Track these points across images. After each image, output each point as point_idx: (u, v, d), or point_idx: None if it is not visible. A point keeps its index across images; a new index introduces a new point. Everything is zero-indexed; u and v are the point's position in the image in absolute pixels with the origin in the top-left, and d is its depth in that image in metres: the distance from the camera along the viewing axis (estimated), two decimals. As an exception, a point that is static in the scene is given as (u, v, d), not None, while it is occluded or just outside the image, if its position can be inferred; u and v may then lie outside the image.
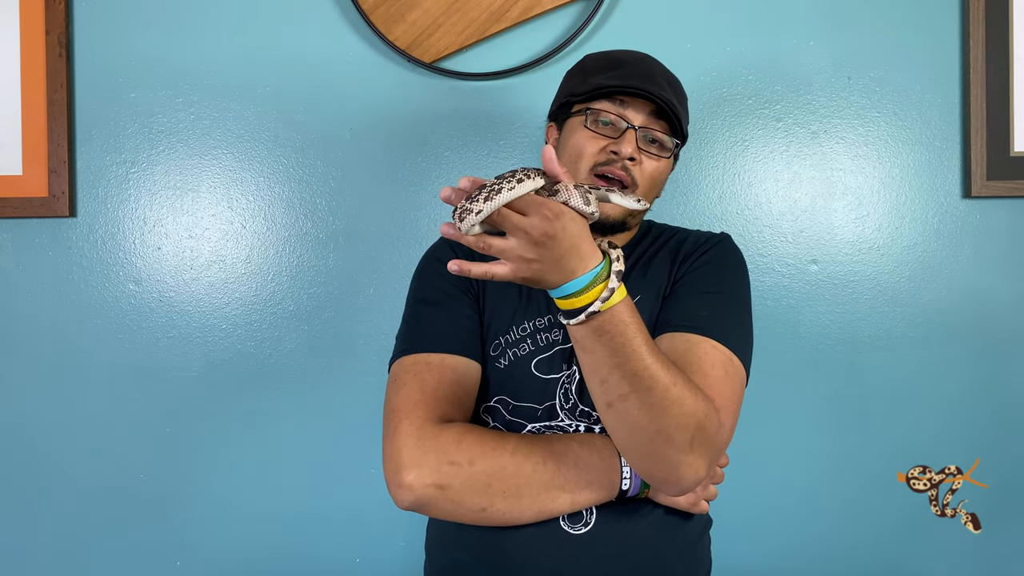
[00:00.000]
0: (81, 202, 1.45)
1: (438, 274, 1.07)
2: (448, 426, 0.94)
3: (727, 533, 1.39)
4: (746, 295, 1.08)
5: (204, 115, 1.45)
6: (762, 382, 1.43)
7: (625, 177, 1.02)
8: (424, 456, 0.91)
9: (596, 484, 0.94)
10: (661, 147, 1.05)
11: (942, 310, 1.44)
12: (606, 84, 1.03)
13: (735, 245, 1.11)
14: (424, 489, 0.90)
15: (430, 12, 1.41)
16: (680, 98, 1.08)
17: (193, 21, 1.44)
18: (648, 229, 1.16)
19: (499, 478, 0.91)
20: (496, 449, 0.92)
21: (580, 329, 0.83)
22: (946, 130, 1.45)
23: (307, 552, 1.45)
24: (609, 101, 1.03)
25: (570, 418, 1.01)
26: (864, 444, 1.45)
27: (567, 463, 0.93)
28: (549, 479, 0.92)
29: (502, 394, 1.03)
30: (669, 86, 1.06)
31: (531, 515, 0.93)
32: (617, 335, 0.82)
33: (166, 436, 1.45)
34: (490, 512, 0.92)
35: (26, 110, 1.43)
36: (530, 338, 1.03)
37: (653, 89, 1.02)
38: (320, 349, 1.45)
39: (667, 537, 1.00)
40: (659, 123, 1.04)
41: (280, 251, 1.46)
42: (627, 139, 1.02)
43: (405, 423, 0.93)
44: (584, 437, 0.98)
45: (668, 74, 1.09)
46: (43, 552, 1.45)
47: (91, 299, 1.45)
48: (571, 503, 0.94)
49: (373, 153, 1.45)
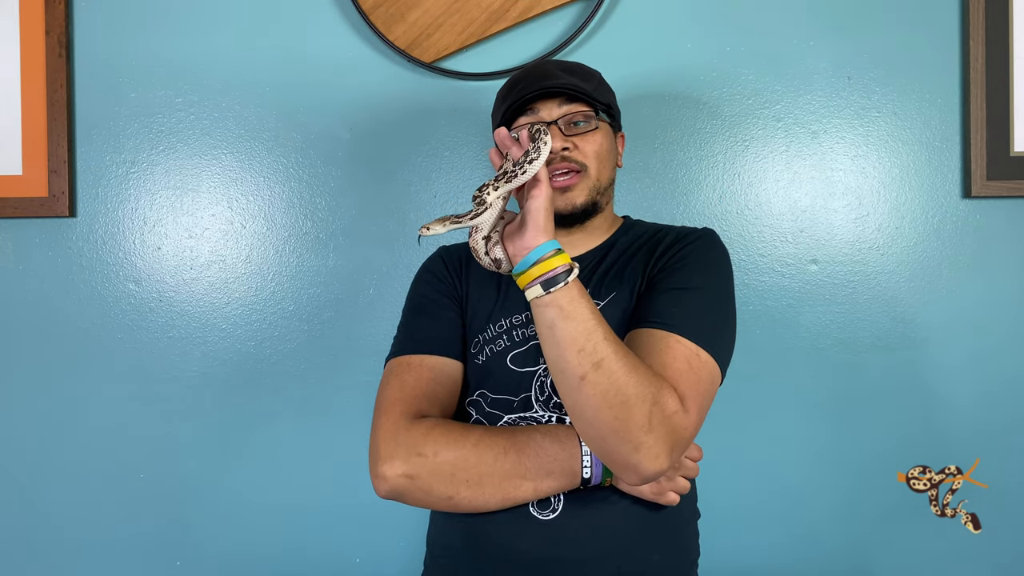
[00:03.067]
0: (81, 202, 1.45)
1: (427, 283, 1.17)
2: (420, 421, 1.01)
3: (727, 532, 1.40)
4: (725, 290, 1.08)
5: (204, 115, 1.45)
6: (762, 382, 1.43)
7: (572, 166, 1.09)
8: (396, 449, 0.98)
9: (557, 472, 0.98)
10: (587, 124, 1.11)
11: (942, 310, 1.44)
12: (512, 102, 1.11)
13: (717, 240, 1.12)
14: (396, 479, 0.97)
15: (430, 12, 1.41)
16: (585, 76, 1.14)
17: (193, 21, 1.44)
18: (631, 226, 1.18)
19: (462, 468, 0.97)
20: (459, 441, 0.98)
21: (561, 295, 0.90)
22: (946, 130, 1.45)
23: (307, 551, 1.45)
24: (524, 116, 1.11)
25: (543, 410, 1.05)
26: (864, 444, 1.45)
27: (528, 452, 0.98)
28: (510, 468, 0.98)
29: (482, 388, 1.09)
30: (568, 72, 1.12)
31: (495, 503, 0.99)
32: (589, 300, 0.92)
33: (166, 436, 1.45)
34: (457, 500, 0.98)
35: (26, 110, 1.43)
36: (506, 334, 1.09)
37: (549, 83, 1.09)
38: (320, 349, 1.45)
39: (639, 526, 1.03)
40: (575, 106, 1.10)
41: (280, 251, 1.46)
42: (551, 136, 1.08)
43: (384, 419, 1.02)
44: (548, 428, 1.01)
45: (566, 64, 1.16)
46: (43, 552, 1.45)
47: (91, 299, 1.45)
48: (533, 491, 0.99)
49: (373, 153, 1.45)
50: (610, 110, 1.14)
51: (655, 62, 1.44)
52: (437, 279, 1.16)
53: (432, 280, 1.17)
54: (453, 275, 1.16)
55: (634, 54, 1.43)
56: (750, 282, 1.44)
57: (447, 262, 1.19)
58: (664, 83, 1.44)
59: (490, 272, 1.15)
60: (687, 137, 1.44)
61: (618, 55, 1.43)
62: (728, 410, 1.36)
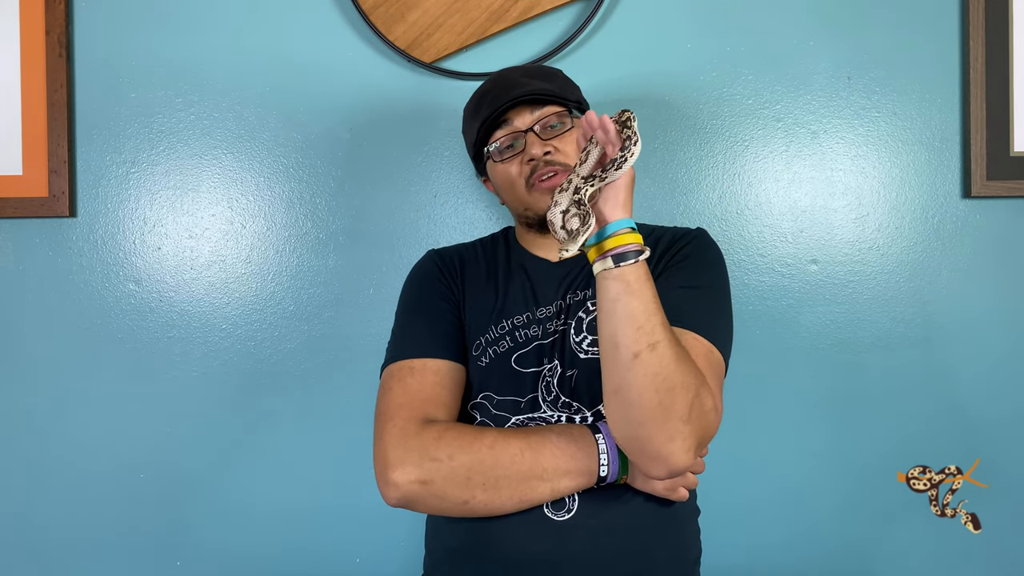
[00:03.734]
0: (81, 202, 1.45)
1: (421, 285, 1.16)
2: (430, 425, 0.99)
3: (727, 531, 1.40)
4: (725, 289, 1.10)
5: (204, 115, 1.45)
6: (762, 382, 1.43)
7: (556, 169, 1.09)
8: (407, 454, 0.96)
9: (575, 471, 0.97)
10: (563, 125, 1.11)
11: (942, 310, 1.44)
12: (484, 118, 1.11)
13: (711, 239, 1.14)
14: (409, 485, 0.95)
15: (430, 12, 1.41)
16: (548, 77, 1.15)
17: (193, 21, 1.44)
18: None
19: (478, 471, 0.96)
20: (474, 443, 0.97)
21: (629, 271, 0.89)
22: (946, 130, 1.45)
23: (307, 551, 1.45)
24: (498, 129, 1.12)
25: (552, 409, 1.04)
26: (864, 444, 1.45)
27: (545, 453, 0.97)
28: (527, 469, 0.96)
29: (486, 390, 1.08)
30: (531, 77, 1.13)
31: (512, 505, 0.97)
32: (652, 284, 0.90)
33: (166, 436, 1.45)
34: (472, 504, 0.96)
35: (26, 110, 1.43)
36: (508, 335, 1.08)
37: (516, 92, 1.10)
38: (320, 349, 1.45)
39: (650, 523, 1.03)
40: (546, 109, 1.11)
41: (280, 251, 1.46)
42: (529, 143, 1.10)
43: (389, 425, 1.00)
44: (562, 427, 1.01)
45: (527, 68, 1.17)
46: (43, 552, 1.45)
47: (91, 299, 1.45)
48: (551, 491, 0.97)
49: (373, 153, 1.45)
50: (580, 106, 1.15)
51: (655, 62, 1.44)
52: (432, 281, 1.15)
53: (427, 282, 1.15)
54: (448, 277, 1.15)
55: (634, 54, 1.43)
56: (750, 282, 1.44)
57: (441, 264, 1.17)
58: (664, 83, 1.44)
59: (486, 274, 1.14)
60: (687, 137, 1.44)
61: (618, 55, 1.43)
62: (729, 410, 1.35)
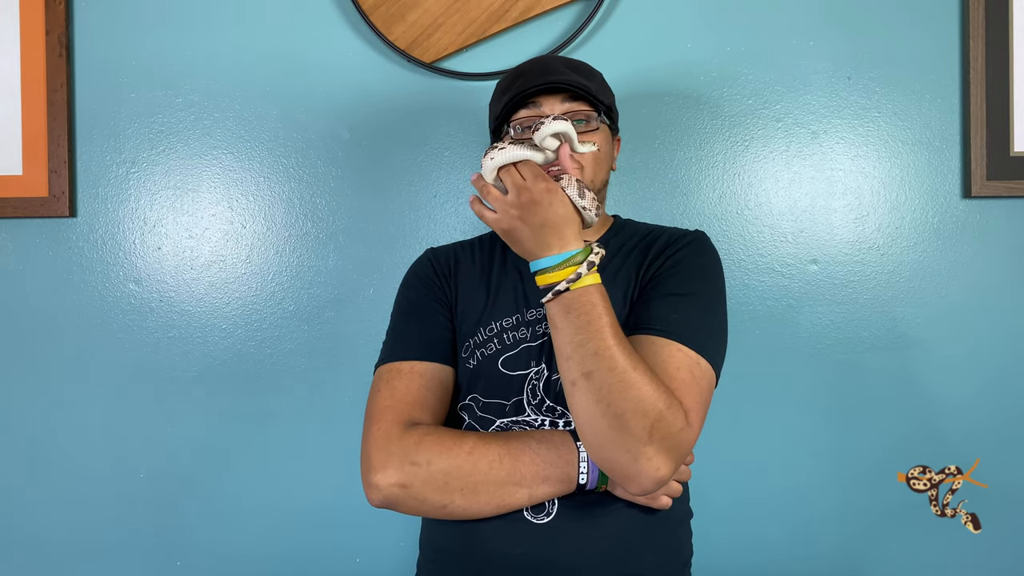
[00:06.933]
0: (81, 202, 1.45)
1: (414, 288, 1.15)
2: (412, 429, 1.00)
3: (727, 531, 1.40)
4: (718, 295, 1.08)
5: (204, 115, 1.45)
6: (762, 382, 1.43)
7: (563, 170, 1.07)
8: (389, 458, 0.98)
9: (553, 478, 0.98)
10: (588, 124, 1.09)
11: (942, 310, 1.44)
12: (514, 94, 1.09)
13: (709, 243, 1.11)
14: (389, 488, 0.97)
15: (430, 12, 1.41)
16: (588, 75, 1.13)
17: (193, 21, 1.44)
18: (621, 227, 1.18)
19: (456, 476, 0.97)
20: (453, 449, 0.98)
21: (552, 306, 0.93)
22: (946, 130, 1.45)
23: (307, 552, 1.45)
24: (525, 108, 1.09)
25: (536, 413, 1.04)
26: (864, 444, 1.45)
27: (524, 460, 0.97)
28: (505, 475, 0.97)
29: (473, 392, 1.08)
30: (572, 70, 1.11)
31: (490, 509, 0.98)
32: (583, 314, 0.91)
33: (166, 436, 1.45)
34: (451, 508, 0.97)
35: (26, 110, 1.43)
36: (496, 338, 1.08)
37: (554, 78, 1.07)
38: (320, 349, 1.45)
39: (633, 529, 1.02)
40: (577, 104, 1.09)
41: (280, 251, 1.46)
42: None
43: (375, 427, 1.01)
44: (543, 433, 1.01)
45: (570, 61, 1.14)
46: (43, 551, 1.45)
47: (91, 299, 1.45)
48: (528, 497, 0.98)
49: (373, 153, 1.45)
50: (610, 112, 1.14)
51: (655, 62, 1.44)
52: (426, 283, 1.15)
53: (421, 284, 1.15)
54: (441, 278, 1.15)
55: (634, 54, 1.44)
56: (750, 282, 1.44)
57: (435, 265, 1.17)
58: (664, 83, 1.44)
59: (480, 275, 1.14)
60: (687, 137, 1.44)
61: (618, 55, 1.43)
62: (727, 410, 1.36)
